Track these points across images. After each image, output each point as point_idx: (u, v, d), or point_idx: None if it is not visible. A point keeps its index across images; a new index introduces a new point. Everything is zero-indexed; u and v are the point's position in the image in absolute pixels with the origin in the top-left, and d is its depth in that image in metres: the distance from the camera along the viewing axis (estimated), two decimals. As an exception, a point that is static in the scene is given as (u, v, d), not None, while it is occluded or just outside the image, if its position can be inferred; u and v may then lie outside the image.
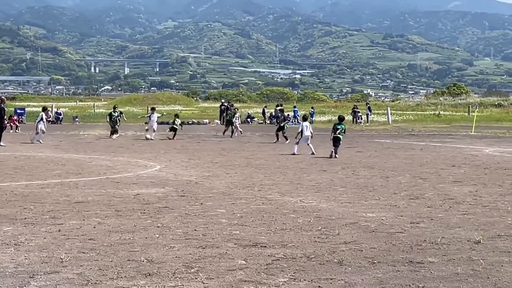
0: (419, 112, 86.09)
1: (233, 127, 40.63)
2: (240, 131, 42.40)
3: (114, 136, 38.19)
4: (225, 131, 41.08)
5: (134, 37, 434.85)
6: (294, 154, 27.28)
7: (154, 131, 37.42)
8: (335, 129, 26.92)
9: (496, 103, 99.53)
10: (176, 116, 40.39)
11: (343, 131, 27.13)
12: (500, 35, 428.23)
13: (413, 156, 27.05)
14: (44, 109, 38.90)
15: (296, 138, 28.52)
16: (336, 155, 26.03)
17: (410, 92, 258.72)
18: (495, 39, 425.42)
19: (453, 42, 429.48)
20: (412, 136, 43.72)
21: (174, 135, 37.52)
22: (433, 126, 59.35)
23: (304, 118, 29.95)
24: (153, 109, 40.86)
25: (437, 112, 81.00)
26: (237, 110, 47.00)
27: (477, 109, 60.17)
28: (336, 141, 26.55)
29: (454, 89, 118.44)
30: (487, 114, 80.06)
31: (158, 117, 39.64)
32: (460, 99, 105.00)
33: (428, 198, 14.74)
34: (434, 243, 9.72)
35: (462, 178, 18.90)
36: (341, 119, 28.46)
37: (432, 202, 14.08)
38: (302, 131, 28.21)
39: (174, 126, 38.22)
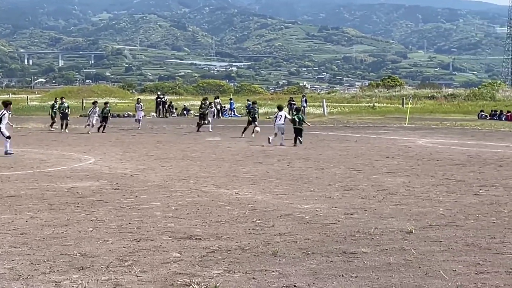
0: (354, 104, 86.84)
1: (205, 121, 39.58)
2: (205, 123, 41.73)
3: (55, 127, 37.65)
4: (200, 125, 39.75)
5: (68, 29, 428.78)
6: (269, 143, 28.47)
7: (93, 125, 36.83)
8: (294, 121, 28.96)
9: (429, 95, 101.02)
10: (106, 103, 39.57)
11: (301, 120, 29.11)
12: (433, 28, 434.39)
13: (348, 148, 27.30)
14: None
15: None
16: (296, 143, 28.37)
17: (346, 84, 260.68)
18: (428, 32, 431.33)
19: (387, 34, 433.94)
20: (347, 128, 44.10)
21: (104, 126, 36.94)
22: (368, 118, 59.95)
23: (280, 108, 30.82)
24: (94, 103, 40.07)
25: (371, 104, 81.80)
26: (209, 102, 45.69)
27: (411, 101, 60.98)
28: (298, 133, 28.74)
29: (388, 81, 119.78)
30: (421, 106, 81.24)
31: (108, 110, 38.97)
32: (395, 91, 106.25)
33: (362, 189, 14.90)
34: (367, 234, 9.83)
35: (395, 169, 19.15)
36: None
37: (366, 193, 14.23)
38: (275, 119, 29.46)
39: (104, 114, 37.42)
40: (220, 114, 61.90)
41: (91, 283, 7.18)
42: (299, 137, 28.86)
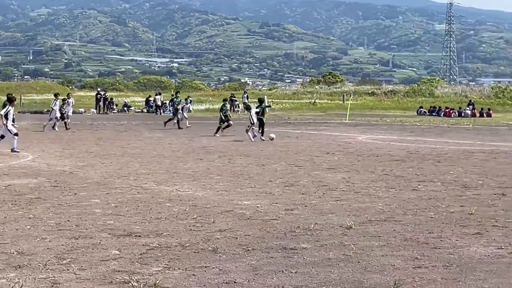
0: (296, 101, 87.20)
1: (178, 116, 38.77)
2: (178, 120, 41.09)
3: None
4: (169, 120, 38.94)
5: (6, 24, 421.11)
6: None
7: (58, 120, 35.86)
8: (257, 113, 30.07)
9: (369, 92, 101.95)
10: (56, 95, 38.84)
11: (261, 112, 30.31)
12: (373, 25, 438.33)
13: (289, 144, 27.41)
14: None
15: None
16: (262, 137, 29.27)
17: (287, 80, 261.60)
18: (368, 28, 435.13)
19: (328, 31, 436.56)
20: (288, 124, 44.29)
21: (65, 123, 36.33)
22: (309, 114, 60.32)
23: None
24: (56, 95, 38.88)
25: (313, 101, 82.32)
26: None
27: (351, 97, 61.50)
28: (260, 124, 29.82)
29: (329, 78, 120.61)
30: (361, 102, 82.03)
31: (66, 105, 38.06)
32: (335, 88, 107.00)
33: (303, 185, 14.96)
34: (307, 229, 9.87)
35: (336, 165, 19.28)
36: (261, 101, 32.33)
37: (307, 189, 14.30)
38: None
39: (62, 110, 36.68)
40: (161, 111, 61.63)
41: (28, 282, 7.07)
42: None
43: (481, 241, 9.14)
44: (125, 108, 65.79)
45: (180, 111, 39.35)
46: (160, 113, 60.76)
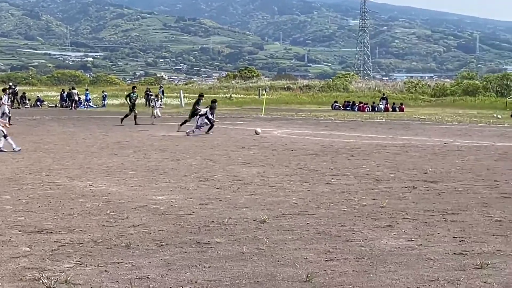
0: (212, 95, 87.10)
1: (134, 112, 37.57)
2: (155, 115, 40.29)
3: None
4: (127, 116, 37.71)
5: None
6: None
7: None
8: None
9: (285, 86, 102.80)
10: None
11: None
12: (289, 20, 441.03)
13: (204, 139, 27.38)
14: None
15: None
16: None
17: (203, 75, 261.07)
18: (284, 23, 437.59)
19: (244, 26, 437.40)
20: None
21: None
22: (225, 109, 60.34)
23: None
24: (3, 90, 37.65)
25: (229, 95, 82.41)
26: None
27: (266, 92, 61.79)
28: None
29: (245, 73, 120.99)
30: (277, 97, 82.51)
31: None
32: (251, 83, 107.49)
33: (218, 179, 14.97)
34: (222, 224, 9.88)
35: (251, 160, 19.35)
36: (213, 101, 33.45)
37: (221, 183, 14.31)
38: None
39: None
40: (75, 105, 60.79)
41: None
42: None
43: (391, 234, 9.31)
44: (38, 103, 64.62)
45: (154, 106, 39.48)
46: (75, 108, 59.92)
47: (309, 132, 32.17)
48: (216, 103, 34.49)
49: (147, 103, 63.94)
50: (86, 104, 64.30)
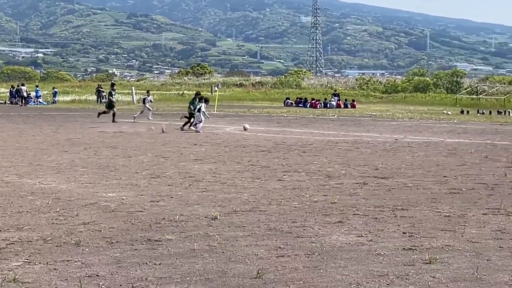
0: (164, 92, 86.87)
1: (113, 110, 36.90)
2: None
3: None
4: (102, 113, 36.94)
5: None
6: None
7: None
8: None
9: (238, 83, 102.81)
10: None
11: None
12: (241, 17, 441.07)
13: (156, 136, 27.26)
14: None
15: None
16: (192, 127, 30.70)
17: (156, 72, 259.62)
18: (236, 20, 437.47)
19: (196, 22, 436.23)
20: (157, 115, 43.96)
21: None
22: (177, 105, 60.15)
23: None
24: None
25: (181, 92, 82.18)
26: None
27: (218, 88, 61.71)
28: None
29: (198, 69, 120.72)
30: (229, 94, 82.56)
31: None
32: (204, 79, 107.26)
33: (169, 176, 14.91)
34: (173, 221, 9.85)
35: (203, 156, 19.32)
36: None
37: (173, 180, 14.26)
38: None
39: None
40: (25, 101, 60.09)
41: None
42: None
43: (342, 229, 9.37)
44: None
45: (143, 104, 38.93)
46: (25, 104, 59.22)
47: (261, 129, 32.23)
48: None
49: (99, 99, 63.47)
50: (36, 101, 63.54)
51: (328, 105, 64.95)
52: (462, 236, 9.01)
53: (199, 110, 31.25)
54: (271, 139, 26.00)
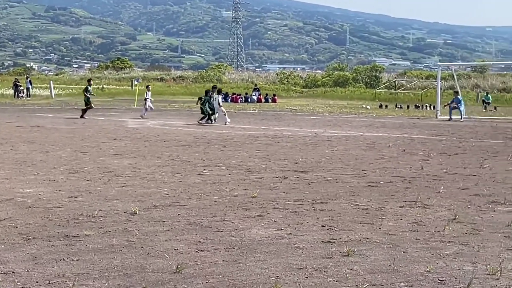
0: (83, 86, 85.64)
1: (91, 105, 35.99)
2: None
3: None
4: (85, 110, 35.83)
5: None
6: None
7: None
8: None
9: (158, 77, 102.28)
10: None
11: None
12: (162, 11, 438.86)
13: (75, 130, 26.89)
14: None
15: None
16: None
17: (75, 66, 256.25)
18: (157, 14, 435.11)
19: (116, 16, 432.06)
20: (76, 110, 43.39)
21: None
22: (96, 100, 59.37)
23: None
24: None
25: (101, 86, 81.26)
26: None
27: (139, 83, 61.19)
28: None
29: (118, 63, 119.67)
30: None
31: None
32: (124, 73, 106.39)
33: (88, 171, 14.72)
34: (91, 216, 9.72)
35: (122, 151, 19.14)
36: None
37: (92, 175, 14.09)
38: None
39: None
40: None
41: None
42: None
43: (262, 223, 9.40)
44: None
45: (145, 100, 38.71)
46: None
47: (182, 123, 32.12)
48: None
49: (16, 94, 62.31)
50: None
51: (249, 100, 65.15)
52: (380, 228, 9.14)
53: (218, 103, 32.72)
54: (192, 134, 25.95)
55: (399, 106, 58.91)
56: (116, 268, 7.02)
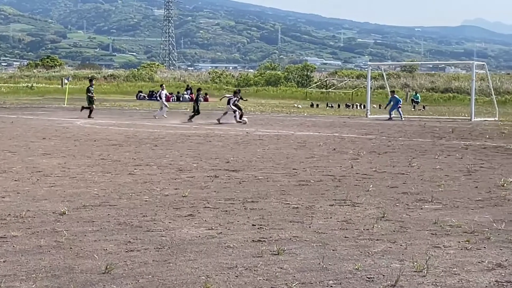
0: (12, 85, 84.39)
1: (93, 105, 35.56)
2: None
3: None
4: (88, 108, 35.12)
5: None
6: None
7: None
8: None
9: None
10: None
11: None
12: (92, 9, 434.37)
13: (3, 130, 26.44)
14: None
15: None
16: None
17: (3, 64, 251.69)
18: (88, 12, 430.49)
19: (45, 14, 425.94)
20: (3, 109, 42.72)
21: None
22: (26, 98, 58.61)
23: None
24: None
25: (30, 85, 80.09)
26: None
27: (69, 81, 60.52)
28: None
29: (48, 62, 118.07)
30: (80, 87, 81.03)
31: None
32: (54, 72, 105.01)
33: (16, 171, 14.49)
34: (19, 217, 9.57)
35: (52, 151, 18.89)
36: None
37: (20, 175, 13.87)
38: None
39: None
40: None
41: None
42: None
43: (192, 223, 9.38)
44: None
45: (160, 99, 38.54)
46: None
47: (113, 122, 31.85)
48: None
49: None
50: None
51: (181, 99, 64.93)
52: (310, 227, 9.22)
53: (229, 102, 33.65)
54: (123, 133, 25.76)
55: (330, 105, 59.45)
56: (44, 269, 6.92)
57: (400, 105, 40.93)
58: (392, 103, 40.73)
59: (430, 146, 22.21)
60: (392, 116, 39.75)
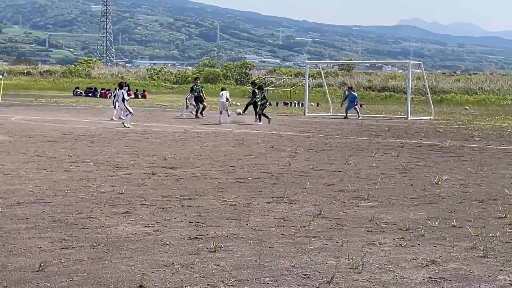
0: None
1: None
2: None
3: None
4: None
5: None
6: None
7: None
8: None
9: (25, 72, 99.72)
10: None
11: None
12: (28, 3, 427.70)
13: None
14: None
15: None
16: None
17: None
18: (23, 7, 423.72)
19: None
20: None
21: None
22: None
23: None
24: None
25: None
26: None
27: (4, 77, 59.51)
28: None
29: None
30: (16, 82, 79.95)
31: None
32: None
33: None
34: (-49, 214, 9.38)
35: (-15, 147, 18.57)
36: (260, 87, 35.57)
37: (-48, 172, 13.60)
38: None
39: None
40: None
41: None
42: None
43: (129, 220, 9.32)
44: None
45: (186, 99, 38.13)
46: None
47: (49, 119, 31.44)
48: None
49: None
50: None
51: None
52: (247, 224, 9.23)
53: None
54: (59, 129, 25.44)
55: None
56: (-24, 268, 6.81)
57: (357, 102, 41.12)
58: (348, 99, 40.68)
59: (366, 144, 22.43)
60: (348, 115, 39.60)
